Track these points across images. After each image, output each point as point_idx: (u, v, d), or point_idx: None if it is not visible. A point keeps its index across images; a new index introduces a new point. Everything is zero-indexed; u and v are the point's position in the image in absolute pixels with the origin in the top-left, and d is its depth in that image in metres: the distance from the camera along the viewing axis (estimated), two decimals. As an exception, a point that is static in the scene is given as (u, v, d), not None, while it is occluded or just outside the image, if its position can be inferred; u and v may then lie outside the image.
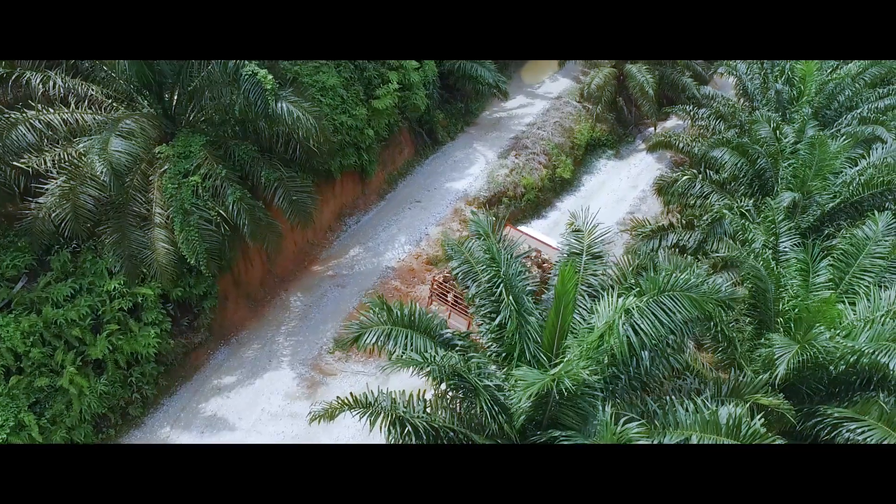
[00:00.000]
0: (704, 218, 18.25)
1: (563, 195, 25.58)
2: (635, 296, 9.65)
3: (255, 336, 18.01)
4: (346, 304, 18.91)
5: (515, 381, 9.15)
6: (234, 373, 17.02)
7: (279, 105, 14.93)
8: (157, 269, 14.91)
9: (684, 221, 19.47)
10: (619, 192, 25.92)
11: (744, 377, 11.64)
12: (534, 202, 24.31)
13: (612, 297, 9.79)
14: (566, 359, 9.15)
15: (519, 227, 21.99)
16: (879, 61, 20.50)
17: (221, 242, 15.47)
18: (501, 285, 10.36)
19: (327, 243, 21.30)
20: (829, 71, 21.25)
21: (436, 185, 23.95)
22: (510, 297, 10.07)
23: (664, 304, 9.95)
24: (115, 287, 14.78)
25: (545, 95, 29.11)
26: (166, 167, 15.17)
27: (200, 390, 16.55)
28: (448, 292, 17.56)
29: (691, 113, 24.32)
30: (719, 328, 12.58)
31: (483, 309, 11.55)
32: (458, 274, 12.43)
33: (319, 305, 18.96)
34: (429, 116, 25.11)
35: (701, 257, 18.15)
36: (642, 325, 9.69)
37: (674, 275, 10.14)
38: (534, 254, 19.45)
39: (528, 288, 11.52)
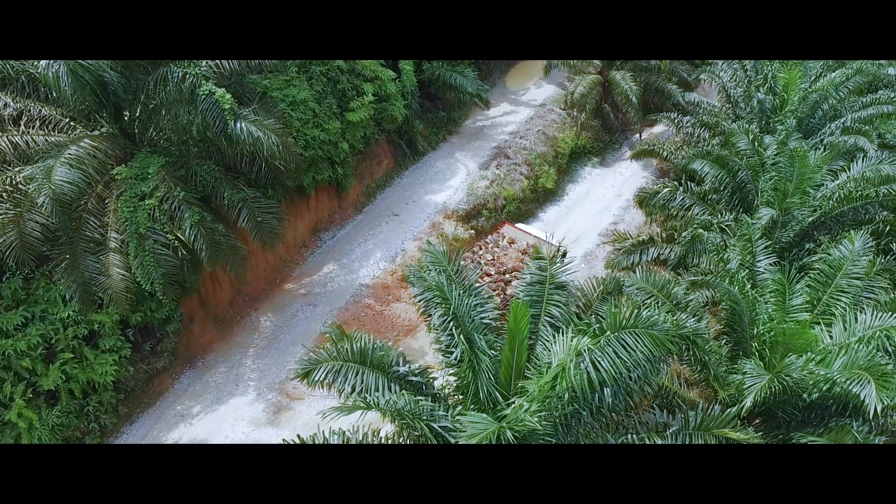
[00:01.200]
0: (684, 234, 17.78)
1: (545, 205, 25.07)
2: (592, 335, 9.19)
3: (221, 359, 17.53)
4: (317, 325, 18.40)
5: (463, 427, 8.68)
6: (199, 398, 16.54)
7: (238, 125, 14.42)
8: (113, 296, 14.41)
9: (665, 235, 19.01)
10: (604, 202, 25.39)
11: (711, 411, 11.17)
12: (515, 214, 23.81)
13: (567, 335, 9.33)
14: (515, 404, 8.68)
15: (517, 225, 21.58)
16: (862, 70, 19.97)
17: (180, 267, 14.95)
18: (451, 323, 9.87)
19: (301, 260, 20.82)
20: (811, 79, 20.73)
21: (415, 198, 23.44)
22: (461, 336, 9.60)
23: (625, 342, 9.50)
24: (69, 315, 14.33)
25: (529, 103, 28.52)
26: (123, 189, 14.68)
27: (163, 417, 16.08)
28: None
29: (676, 121, 23.78)
30: (692, 351, 12.19)
31: (442, 342, 11.09)
32: (420, 303, 11.98)
33: (289, 326, 18.47)
34: (408, 127, 24.48)
35: (682, 272, 17.74)
36: (602, 363, 9.26)
37: (635, 311, 9.65)
38: (530, 250, 19.20)
39: (486, 321, 11.04)
